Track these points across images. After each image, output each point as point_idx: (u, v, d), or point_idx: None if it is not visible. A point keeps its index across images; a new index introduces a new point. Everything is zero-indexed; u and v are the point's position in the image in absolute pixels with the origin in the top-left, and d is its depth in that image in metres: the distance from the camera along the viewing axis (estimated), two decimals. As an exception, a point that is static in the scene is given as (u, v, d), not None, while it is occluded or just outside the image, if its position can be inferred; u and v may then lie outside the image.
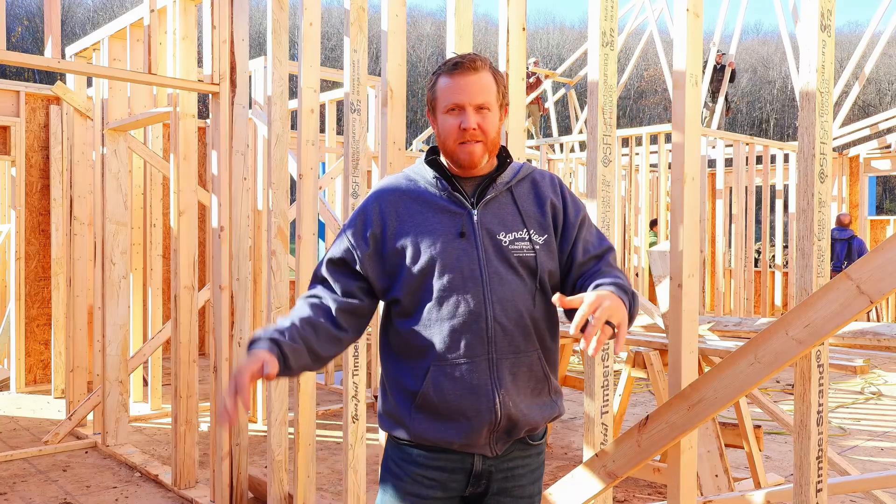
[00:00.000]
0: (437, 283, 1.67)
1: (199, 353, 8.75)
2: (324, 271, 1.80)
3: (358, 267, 1.75)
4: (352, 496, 3.08)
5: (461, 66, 1.72)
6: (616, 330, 1.49)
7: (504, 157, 1.81)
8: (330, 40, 41.91)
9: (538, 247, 1.73)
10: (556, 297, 1.52)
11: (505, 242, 1.71)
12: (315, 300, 1.77)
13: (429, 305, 1.68)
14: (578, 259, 1.78)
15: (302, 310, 1.74)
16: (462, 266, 1.67)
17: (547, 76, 13.41)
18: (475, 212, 1.72)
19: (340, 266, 1.77)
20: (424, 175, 1.78)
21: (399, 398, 1.74)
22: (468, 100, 1.70)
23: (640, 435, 2.19)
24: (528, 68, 12.89)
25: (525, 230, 1.74)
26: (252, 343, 1.66)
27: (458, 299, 1.66)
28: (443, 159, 1.79)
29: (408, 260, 1.69)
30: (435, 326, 1.68)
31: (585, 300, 1.47)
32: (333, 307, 1.75)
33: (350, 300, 1.75)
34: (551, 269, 1.75)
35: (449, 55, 2.72)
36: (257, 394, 5.96)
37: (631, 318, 1.64)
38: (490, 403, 1.67)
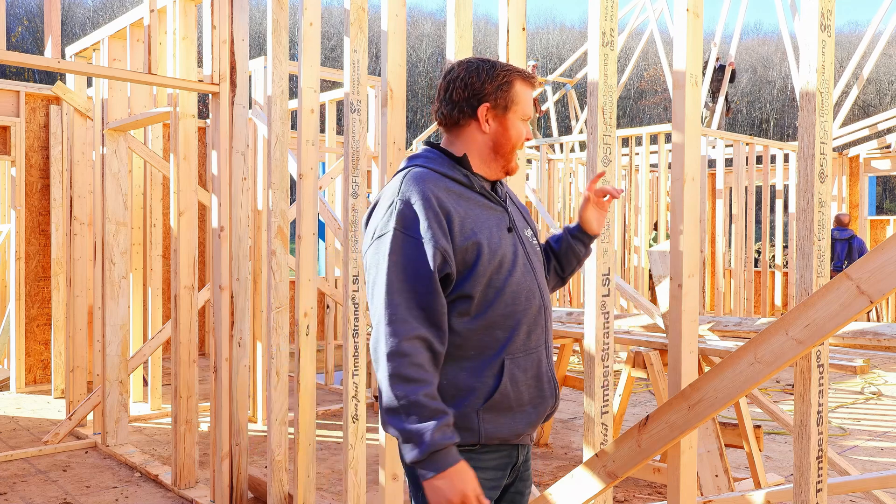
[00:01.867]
0: (506, 278, 1.67)
1: (199, 353, 8.76)
2: (423, 303, 1.55)
3: (448, 269, 1.58)
4: (352, 496, 3.08)
5: (534, 80, 1.78)
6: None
7: None
8: (330, 40, 41.91)
9: (536, 240, 1.86)
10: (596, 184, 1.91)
11: (528, 236, 1.80)
12: (425, 353, 1.54)
13: (499, 300, 1.65)
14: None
15: (427, 377, 1.52)
16: (519, 261, 1.71)
17: (539, 83, 13.39)
18: (509, 209, 1.77)
19: (438, 280, 1.58)
20: (453, 171, 1.69)
21: (463, 403, 1.61)
22: (532, 114, 1.86)
23: (640, 435, 2.19)
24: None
25: (528, 227, 1.84)
26: (442, 436, 1.48)
27: (523, 293, 1.69)
28: (458, 154, 1.73)
29: (483, 256, 1.62)
30: (507, 321, 1.66)
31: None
32: (443, 350, 1.58)
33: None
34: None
35: (449, 55, 2.71)
36: (257, 394, 5.96)
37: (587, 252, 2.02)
38: (552, 389, 1.75)
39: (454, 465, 1.47)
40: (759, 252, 12.94)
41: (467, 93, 1.70)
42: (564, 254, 1.99)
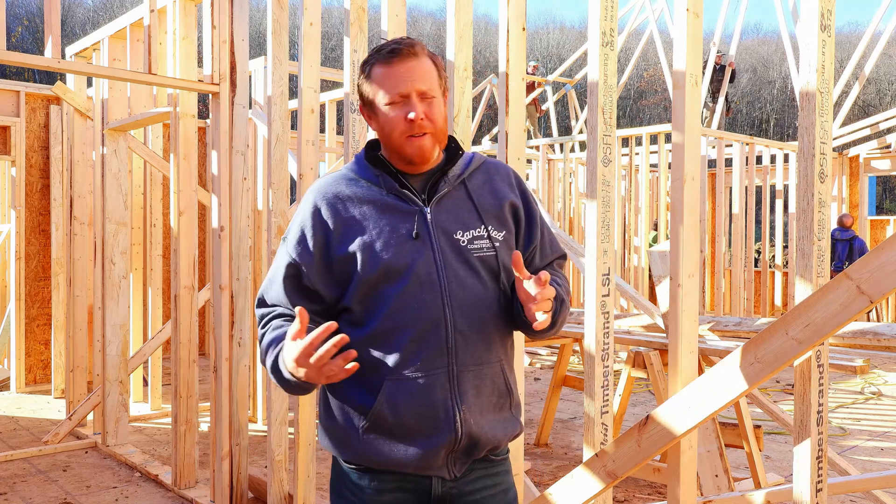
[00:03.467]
0: (391, 291, 1.51)
1: (199, 353, 8.76)
2: (274, 296, 1.60)
3: (305, 281, 1.57)
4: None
5: (399, 52, 1.52)
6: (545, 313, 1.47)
7: (454, 147, 1.64)
8: (330, 40, 41.91)
9: (498, 244, 1.58)
10: (515, 255, 1.46)
11: (463, 242, 1.55)
12: (279, 331, 1.55)
13: (382, 315, 1.51)
14: (535, 264, 1.69)
15: (269, 329, 1.58)
16: (418, 270, 1.51)
17: (539, 84, 13.41)
18: (428, 210, 1.55)
19: (291, 285, 1.59)
20: (365, 173, 1.60)
21: (344, 417, 1.56)
22: (412, 88, 1.52)
23: (640, 435, 2.19)
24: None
25: (483, 227, 1.58)
26: (270, 353, 1.53)
27: (414, 307, 1.50)
28: (383, 155, 1.62)
29: (358, 267, 1.52)
30: (389, 337, 1.50)
31: (540, 278, 1.44)
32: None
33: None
34: (510, 268, 1.59)
35: (449, 55, 2.67)
36: (257, 394, 5.96)
37: (554, 324, 1.59)
38: (450, 422, 1.51)
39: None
40: (759, 252, 12.94)
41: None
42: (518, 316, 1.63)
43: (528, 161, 11.10)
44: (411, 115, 1.51)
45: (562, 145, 11.14)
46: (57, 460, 4.96)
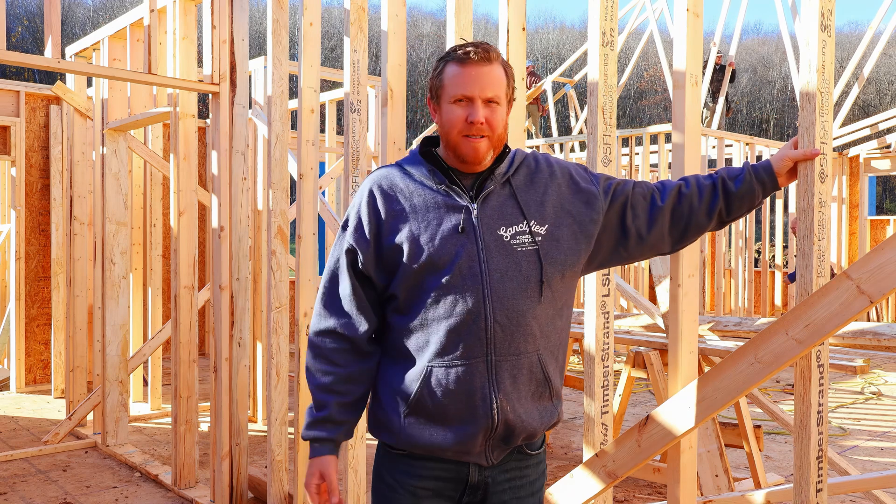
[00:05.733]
0: (434, 282, 1.59)
1: (199, 353, 8.76)
2: (338, 292, 1.70)
3: (361, 266, 1.67)
4: (352, 496, 3.08)
5: (473, 55, 1.61)
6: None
7: (504, 150, 1.72)
8: (330, 40, 41.89)
9: (539, 238, 1.64)
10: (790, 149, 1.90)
11: (506, 237, 1.62)
12: (335, 344, 1.70)
13: (425, 304, 1.60)
14: (626, 198, 1.76)
15: (330, 367, 1.70)
16: (461, 263, 1.58)
17: (532, 84, 13.36)
18: (474, 206, 1.63)
19: (353, 271, 1.68)
20: (420, 168, 1.68)
21: (389, 401, 1.66)
22: (478, 92, 1.60)
23: (640, 435, 2.19)
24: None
25: (525, 222, 1.64)
26: (311, 431, 1.70)
27: (455, 298, 1.57)
28: (440, 151, 1.70)
29: (405, 257, 1.60)
30: (432, 326, 1.59)
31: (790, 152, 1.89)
32: (362, 338, 1.70)
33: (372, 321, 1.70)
34: (561, 260, 1.65)
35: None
36: (257, 394, 5.96)
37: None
38: (487, 409, 1.58)
39: (316, 458, 1.69)
40: (759, 252, 12.93)
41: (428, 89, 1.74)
42: (740, 196, 1.80)
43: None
44: (472, 118, 1.60)
45: (562, 145, 11.14)
46: (57, 460, 4.96)
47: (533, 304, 1.62)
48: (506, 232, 1.62)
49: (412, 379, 1.61)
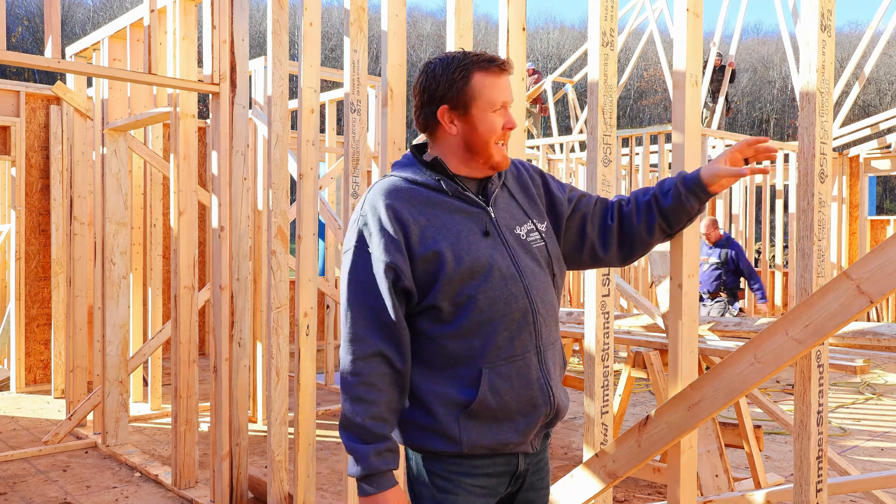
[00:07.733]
0: (477, 286, 1.60)
1: (199, 353, 8.75)
2: (384, 317, 1.59)
3: (405, 282, 1.59)
4: (352, 496, 3.08)
5: (499, 64, 1.66)
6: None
7: None
8: (330, 40, 41.88)
9: (543, 234, 1.75)
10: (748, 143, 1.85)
11: (523, 236, 1.70)
12: (384, 369, 1.59)
13: (472, 309, 1.60)
14: (587, 210, 1.86)
15: (378, 395, 1.58)
16: (498, 265, 1.62)
17: (533, 83, 13.35)
18: (491, 209, 1.68)
19: (395, 291, 1.60)
20: (424, 175, 1.67)
21: (438, 409, 1.62)
22: (510, 100, 1.67)
23: (640, 435, 2.19)
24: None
25: (530, 221, 1.74)
26: (380, 462, 1.57)
27: (504, 299, 1.61)
28: (440, 158, 1.68)
29: (447, 266, 1.58)
30: (481, 329, 1.60)
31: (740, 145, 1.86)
32: (403, 367, 1.62)
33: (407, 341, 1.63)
34: (557, 255, 1.78)
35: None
36: (257, 394, 5.96)
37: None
38: (545, 396, 1.66)
39: (387, 490, 1.58)
40: (759, 252, 12.93)
41: (426, 96, 1.68)
42: (673, 211, 1.86)
43: (528, 161, 11.08)
44: (510, 125, 1.66)
45: (562, 145, 11.14)
46: (57, 460, 4.96)
47: (554, 296, 1.74)
48: (521, 230, 1.71)
49: (467, 383, 1.61)
